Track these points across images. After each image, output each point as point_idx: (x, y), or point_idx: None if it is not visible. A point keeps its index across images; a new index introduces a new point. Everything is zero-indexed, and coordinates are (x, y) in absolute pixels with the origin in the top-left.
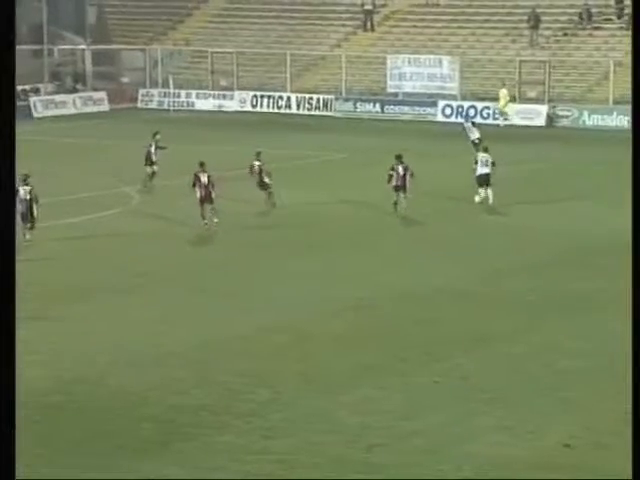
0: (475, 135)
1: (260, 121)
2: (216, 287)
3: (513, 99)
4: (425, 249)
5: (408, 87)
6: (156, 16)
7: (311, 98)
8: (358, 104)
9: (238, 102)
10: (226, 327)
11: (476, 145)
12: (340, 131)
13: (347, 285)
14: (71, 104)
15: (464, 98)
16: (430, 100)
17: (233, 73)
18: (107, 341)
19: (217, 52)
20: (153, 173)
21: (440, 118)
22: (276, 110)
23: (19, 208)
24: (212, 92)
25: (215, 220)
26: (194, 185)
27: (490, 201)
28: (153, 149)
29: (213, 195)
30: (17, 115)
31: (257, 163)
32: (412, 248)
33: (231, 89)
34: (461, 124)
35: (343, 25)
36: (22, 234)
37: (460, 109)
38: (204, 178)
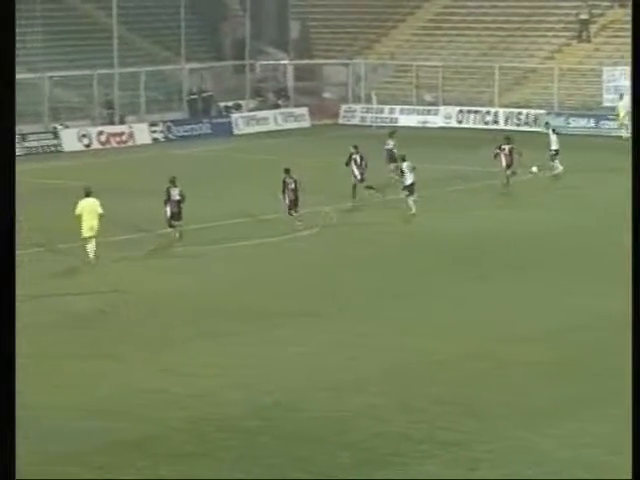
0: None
1: (465, 137)
2: (410, 310)
3: None
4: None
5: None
6: (360, 29)
7: (520, 113)
8: (571, 119)
9: (443, 118)
10: (420, 353)
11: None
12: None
13: (543, 309)
14: (272, 120)
15: None
16: None
17: (438, 87)
18: (306, 366)
19: (422, 66)
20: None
21: None
22: (483, 126)
23: (170, 208)
24: (416, 107)
25: None
26: None
27: (413, 210)
28: (359, 159)
29: None
30: (218, 132)
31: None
32: (616, 270)
33: (436, 104)
34: None
35: (556, 36)
36: (173, 234)
37: None
38: None
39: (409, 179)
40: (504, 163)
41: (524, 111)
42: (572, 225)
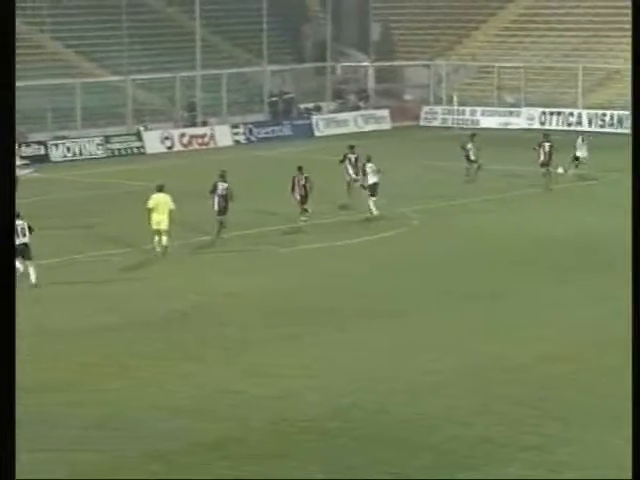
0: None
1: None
2: (487, 312)
3: None
4: None
5: None
6: (442, 30)
7: (604, 114)
8: None
9: (525, 119)
10: (501, 355)
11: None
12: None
13: (624, 311)
14: (352, 122)
15: None
16: None
17: (520, 89)
18: (385, 367)
19: (504, 67)
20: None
21: None
22: (566, 127)
23: (217, 202)
24: (498, 109)
25: None
26: None
27: (374, 212)
28: (353, 158)
29: None
30: (298, 134)
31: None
32: None
33: (518, 106)
34: None
35: None
36: (217, 229)
37: None
38: None
39: (371, 180)
40: (541, 160)
41: (608, 112)
42: None
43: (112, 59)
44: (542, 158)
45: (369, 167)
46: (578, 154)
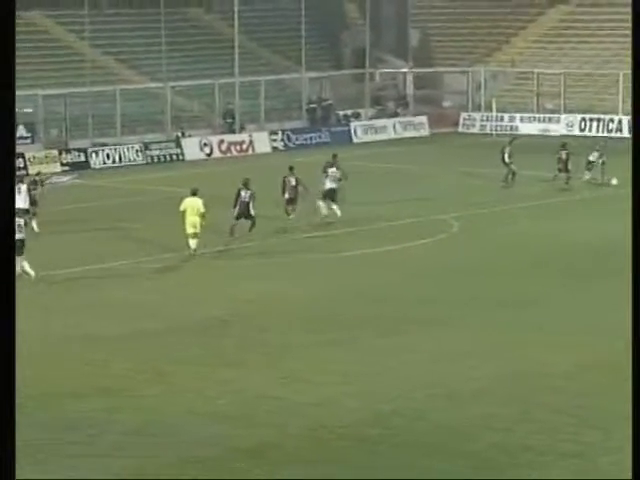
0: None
1: (586, 145)
2: (525, 319)
3: None
4: None
5: None
6: (481, 37)
7: None
8: None
9: (565, 126)
10: (540, 362)
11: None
12: None
13: None
14: (391, 129)
15: None
16: None
17: (560, 95)
18: (424, 374)
19: (543, 73)
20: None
21: None
22: (606, 134)
23: (239, 208)
24: (537, 115)
25: None
26: None
27: (338, 214)
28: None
29: None
30: (337, 140)
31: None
32: None
33: (558, 112)
34: None
35: None
36: (230, 231)
37: None
38: None
39: (328, 185)
40: (559, 167)
41: None
42: None
43: (151, 66)
44: (559, 165)
45: (330, 172)
46: (590, 159)
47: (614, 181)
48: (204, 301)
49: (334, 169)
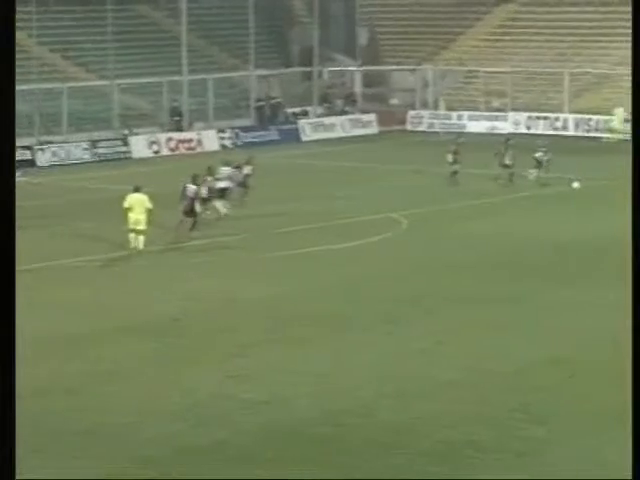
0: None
1: (532, 144)
2: (487, 317)
3: None
4: None
5: None
6: (429, 35)
7: (590, 119)
8: None
9: (512, 124)
10: (498, 360)
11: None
12: (621, 154)
13: (627, 317)
14: (339, 127)
15: None
16: None
17: (507, 94)
18: (373, 372)
19: (490, 72)
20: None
21: None
22: (552, 132)
23: (184, 204)
24: (484, 114)
25: None
26: None
27: (222, 211)
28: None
29: None
30: (285, 138)
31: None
32: None
33: (504, 110)
34: None
35: (627, 41)
36: (183, 228)
37: None
38: None
39: (221, 184)
40: (502, 163)
41: (594, 117)
42: None
43: (98, 63)
44: (501, 162)
45: (223, 171)
46: (540, 157)
47: (575, 184)
48: (155, 299)
49: (228, 168)
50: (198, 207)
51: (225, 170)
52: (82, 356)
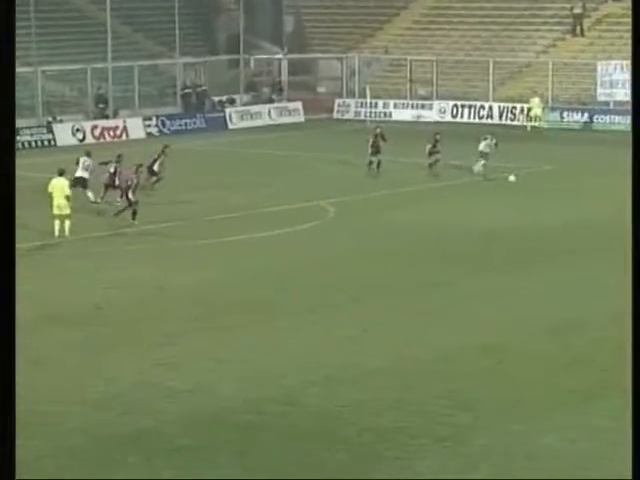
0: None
1: (459, 132)
2: (414, 305)
3: None
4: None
5: (620, 95)
6: (354, 24)
7: (514, 107)
8: (565, 113)
9: (437, 112)
10: (425, 347)
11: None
12: (546, 141)
13: (555, 304)
14: (266, 115)
15: None
16: None
17: (432, 82)
18: (299, 359)
19: (416, 60)
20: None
21: None
22: (477, 120)
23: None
24: (410, 102)
25: None
26: None
27: (92, 199)
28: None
29: None
30: (212, 126)
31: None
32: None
33: (430, 98)
34: None
35: (550, 30)
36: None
37: None
38: None
39: (78, 173)
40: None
41: (518, 105)
42: (573, 218)
43: (21, 50)
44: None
45: (82, 161)
46: (482, 149)
47: (512, 178)
48: (78, 287)
49: (85, 158)
50: (132, 196)
51: (84, 160)
52: None
